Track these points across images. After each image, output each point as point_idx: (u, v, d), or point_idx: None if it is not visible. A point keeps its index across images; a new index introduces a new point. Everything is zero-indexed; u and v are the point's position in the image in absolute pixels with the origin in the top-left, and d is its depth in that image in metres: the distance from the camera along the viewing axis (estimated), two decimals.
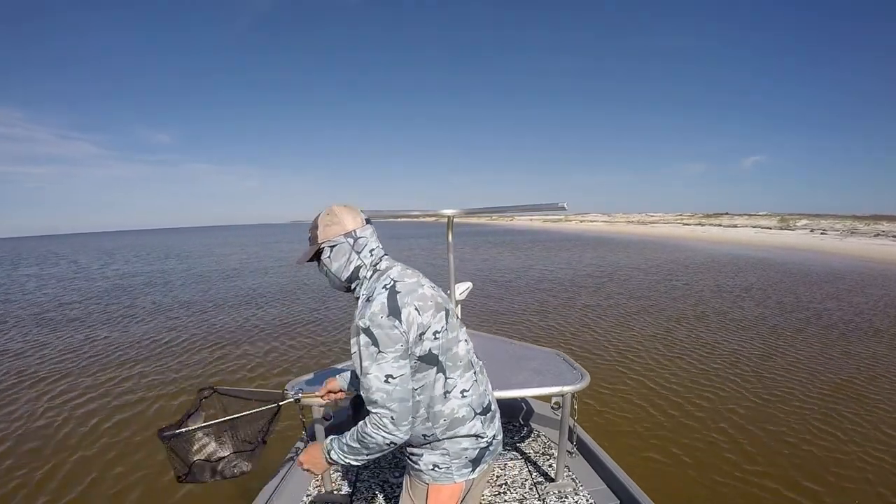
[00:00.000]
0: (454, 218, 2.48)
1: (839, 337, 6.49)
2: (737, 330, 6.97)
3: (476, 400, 1.17)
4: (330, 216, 1.18)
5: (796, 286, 10.87)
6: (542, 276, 13.46)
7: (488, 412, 1.20)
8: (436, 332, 1.11)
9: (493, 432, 1.20)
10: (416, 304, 1.10)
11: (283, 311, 9.04)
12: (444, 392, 1.13)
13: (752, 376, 4.99)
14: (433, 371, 1.11)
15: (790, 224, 34.90)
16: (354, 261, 1.17)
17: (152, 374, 5.44)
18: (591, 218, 73.96)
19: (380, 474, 2.27)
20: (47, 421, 4.22)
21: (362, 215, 1.22)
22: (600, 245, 25.93)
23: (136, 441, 3.80)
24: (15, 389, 5.05)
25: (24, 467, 3.44)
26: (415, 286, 1.14)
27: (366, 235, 1.18)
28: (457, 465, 1.14)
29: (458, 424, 1.13)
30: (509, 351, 2.38)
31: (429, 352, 1.10)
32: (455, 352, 1.16)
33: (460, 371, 1.16)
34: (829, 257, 18.07)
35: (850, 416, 4.04)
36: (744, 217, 44.53)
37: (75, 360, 6.07)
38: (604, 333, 6.86)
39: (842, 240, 25.19)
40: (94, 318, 8.86)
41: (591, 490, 2.06)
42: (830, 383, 4.77)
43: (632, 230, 43.67)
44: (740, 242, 26.55)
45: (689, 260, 17.24)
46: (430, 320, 1.10)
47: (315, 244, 1.18)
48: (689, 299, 9.40)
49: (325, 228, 1.17)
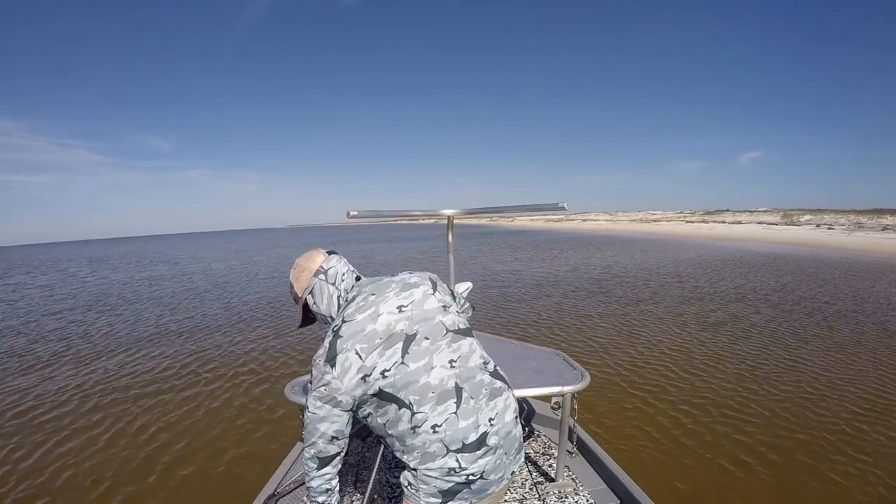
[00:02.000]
0: (454, 218, 2.50)
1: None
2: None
3: (452, 435, 1.04)
4: (297, 269, 1.26)
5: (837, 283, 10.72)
6: (557, 277, 13.02)
7: (479, 448, 1.06)
8: (384, 371, 1.07)
9: (477, 470, 1.05)
10: (359, 346, 1.08)
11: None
12: (412, 427, 1.06)
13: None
14: (393, 407, 1.07)
15: (794, 219, 34.94)
16: (334, 293, 1.22)
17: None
18: (592, 217, 74.00)
19: (380, 474, 2.30)
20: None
21: (322, 251, 1.28)
22: (611, 245, 25.38)
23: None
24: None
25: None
26: (365, 323, 1.11)
27: (332, 264, 1.24)
28: (424, 490, 1.07)
29: (429, 460, 1.06)
30: (509, 351, 2.40)
31: (379, 391, 1.08)
32: (424, 383, 1.07)
33: (431, 404, 1.06)
34: (848, 252, 18.05)
35: None
36: (745, 213, 44.56)
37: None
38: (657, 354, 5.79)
39: (849, 234, 25.19)
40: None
41: (591, 490, 2.08)
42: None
43: (636, 229, 43.73)
44: (752, 238, 26.65)
45: (711, 258, 16.95)
46: (375, 361, 1.07)
47: (299, 301, 1.25)
48: (736, 302, 8.76)
49: (298, 281, 1.25)
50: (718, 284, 11.01)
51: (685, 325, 7.21)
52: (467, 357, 1.14)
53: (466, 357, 1.14)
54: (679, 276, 12.62)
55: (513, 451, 1.13)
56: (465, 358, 1.13)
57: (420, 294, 1.19)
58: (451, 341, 1.14)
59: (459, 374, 1.10)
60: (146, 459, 3.63)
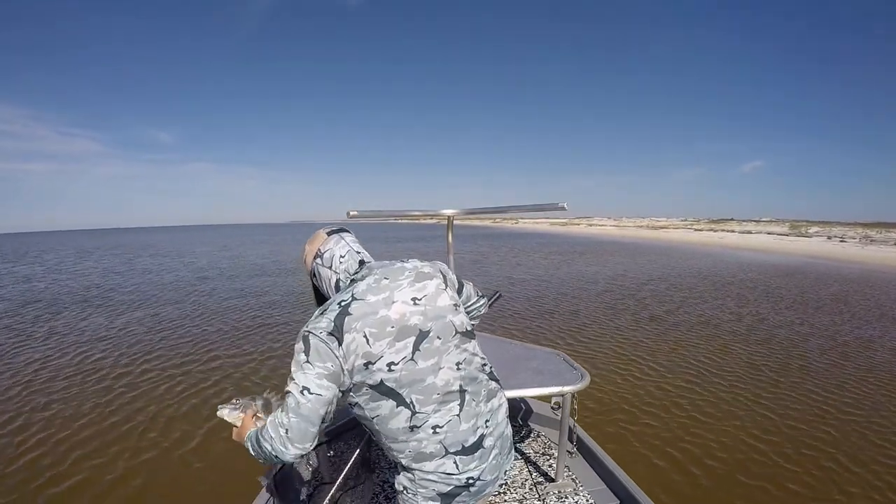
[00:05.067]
0: (454, 218, 2.53)
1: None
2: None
3: (452, 437, 1.06)
4: (304, 252, 1.26)
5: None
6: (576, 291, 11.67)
7: (476, 450, 1.09)
8: (391, 364, 1.03)
9: (477, 473, 1.08)
10: (369, 330, 1.03)
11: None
12: (411, 426, 1.05)
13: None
14: (390, 403, 1.04)
15: (802, 231, 34.93)
16: (332, 276, 1.19)
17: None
18: (598, 222, 73.85)
19: (380, 474, 2.34)
20: None
21: (324, 232, 1.26)
22: (644, 253, 24.29)
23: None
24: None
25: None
26: (377, 306, 1.06)
27: (329, 247, 1.21)
28: (423, 494, 1.07)
29: (424, 459, 1.06)
30: (509, 351, 2.45)
31: (380, 383, 1.03)
32: (429, 383, 1.06)
33: (434, 405, 1.06)
34: (876, 267, 17.86)
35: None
36: (751, 223, 44.36)
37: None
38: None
39: (863, 248, 25.12)
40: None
41: (591, 490, 2.13)
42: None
43: (647, 235, 43.52)
44: (769, 250, 26.50)
45: (740, 271, 15.99)
46: (383, 350, 1.03)
47: (312, 283, 1.27)
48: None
49: (306, 265, 1.26)
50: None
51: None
52: (471, 360, 1.15)
53: (471, 360, 1.14)
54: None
55: (506, 450, 1.17)
56: (469, 361, 1.14)
57: (433, 288, 1.16)
58: (459, 342, 1.13)
59: (464, 377, 1.11)
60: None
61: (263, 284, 13.24)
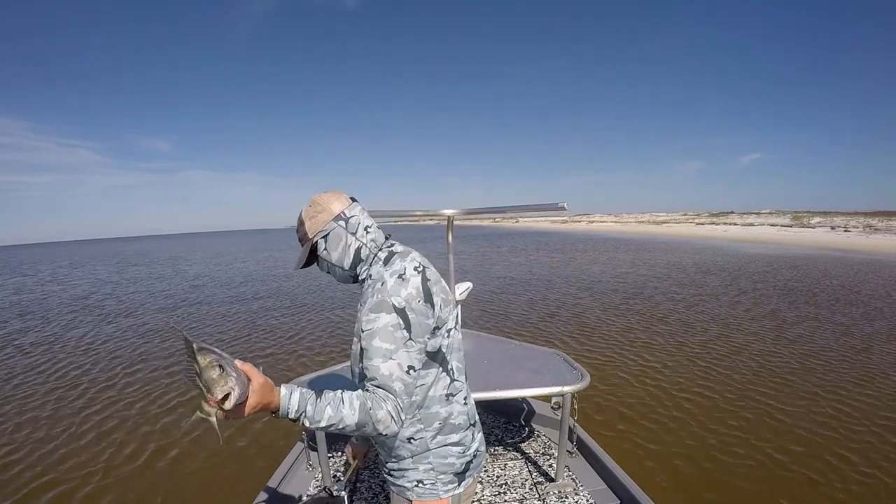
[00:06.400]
0: (454, 218, 2.55)
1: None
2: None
3: (471, 410, 1.16)
4: (313, 207, 1.10)
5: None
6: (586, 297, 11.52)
7: (476, 425, 1.19)
8: (449, 330, 1.07)
9: (478, 445, 1.18)
10: (441, 296, 1.05)
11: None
12: (448, 394, 1.08)
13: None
14: (435, 370, 1.06)
15: (804, 222, 34.96)
16: (353, 243, 1.08)
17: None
18: (598, 218, 73.93)
19: (380, 475, 2.34)
20: None
21: (346, 195, 1.13)
22: (649, 248, 24.24)
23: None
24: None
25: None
26: (438, 276, 1.09)
27: (356, 213, 1.10)
28: (442, 480, 1.11)
29: (452, 431, 1.09)
30: (509, 351, 2.46)
31: (438, 349, 1.04)
32: (462, 353, 1.13)
33: (462, 376, 1.13)
34: (881, 255, 17.79)
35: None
36: (752, 216, 44.39)
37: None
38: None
39: (867, 237, 25.15)
40: None
41: (591, 490, 2.13)
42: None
43: (649, 231, 43.42)
44: (774, 241, 26.42)
45: (779, 266, 15.46)
46: (448, 315, 1.06)
47: (307, 241, 1.10)
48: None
49: (312, 220, 1.09)
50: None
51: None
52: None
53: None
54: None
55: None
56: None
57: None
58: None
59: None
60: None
61: (257, 290, 13.33)
